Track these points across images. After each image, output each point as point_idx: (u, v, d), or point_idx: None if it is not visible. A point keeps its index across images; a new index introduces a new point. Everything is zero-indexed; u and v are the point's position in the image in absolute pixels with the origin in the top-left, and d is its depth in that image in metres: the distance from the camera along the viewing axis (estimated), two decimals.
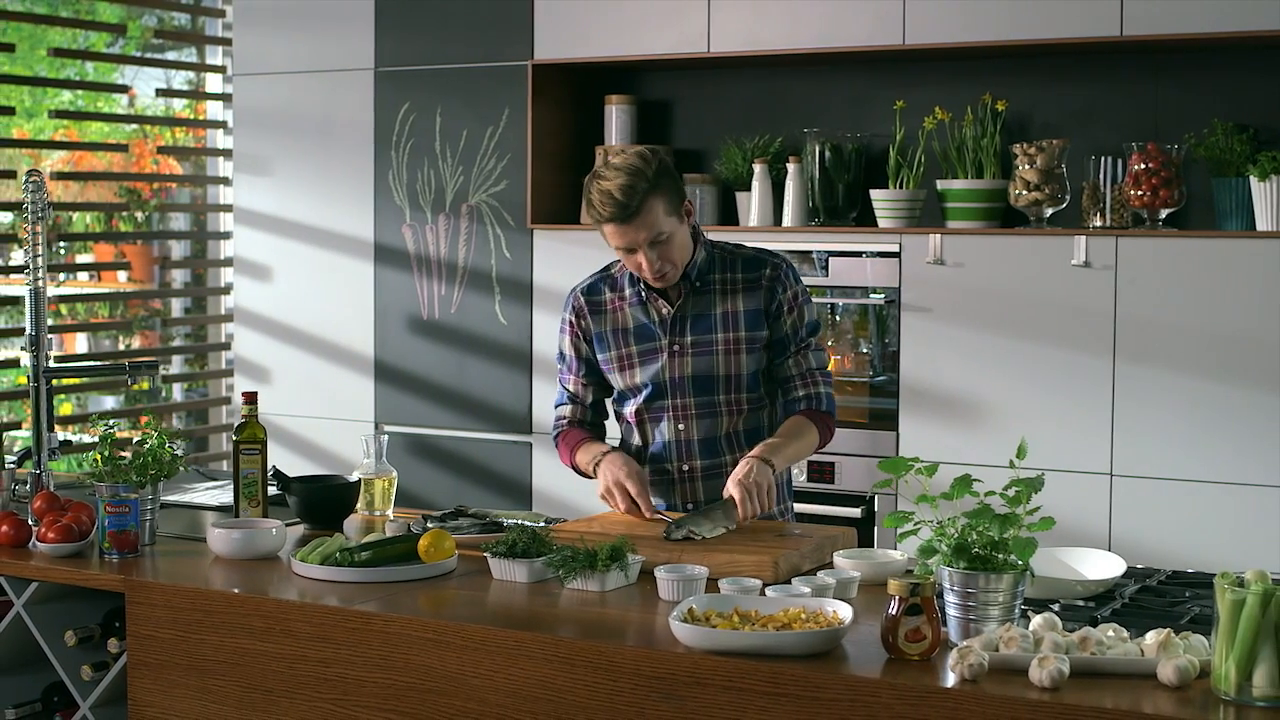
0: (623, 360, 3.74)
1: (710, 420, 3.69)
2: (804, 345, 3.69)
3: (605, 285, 3.79)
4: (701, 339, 3.67)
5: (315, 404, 6.13)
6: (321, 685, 3.02)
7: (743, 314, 3.66)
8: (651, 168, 3.52)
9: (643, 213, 3.49)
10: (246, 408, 3.63)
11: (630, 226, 3.51)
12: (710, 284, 3.68)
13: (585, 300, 3.80)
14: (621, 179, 3.49)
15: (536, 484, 5.72)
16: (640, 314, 3.72)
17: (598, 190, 3.51)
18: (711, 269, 3.69)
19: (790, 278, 3.69)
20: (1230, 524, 4.67)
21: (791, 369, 3.69)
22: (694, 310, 3.68)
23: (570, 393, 3.88)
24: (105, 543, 3.38)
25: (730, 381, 3.67)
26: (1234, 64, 4.94)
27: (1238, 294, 4.66)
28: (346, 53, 6.02)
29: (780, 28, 5.25)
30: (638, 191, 3.48)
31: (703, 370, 3.67)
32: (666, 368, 3.69)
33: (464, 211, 5.82)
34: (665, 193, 3.53)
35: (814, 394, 3.69)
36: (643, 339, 3.71)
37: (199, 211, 7.19)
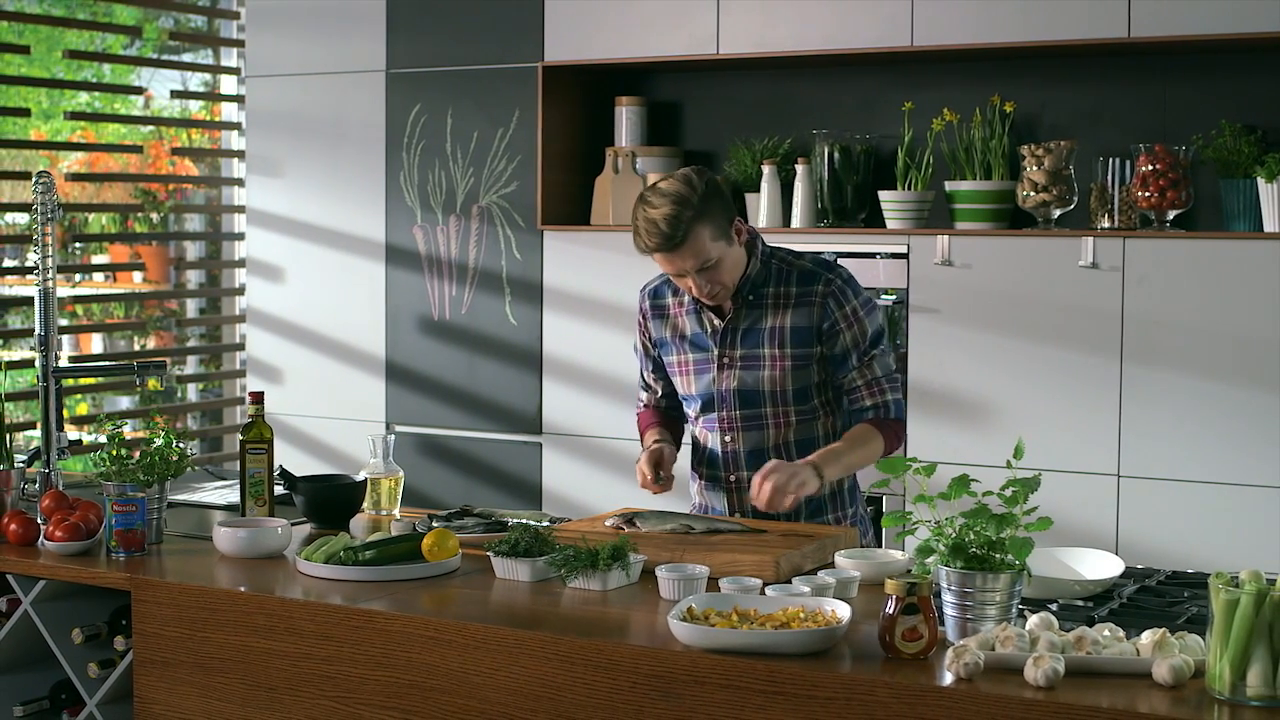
0: (681, 365, 3.76)
1: (757, 433, 3.67)
2: (867, 356, 3.64)
3: (669, 288, 3.79)
4: (750, 353, 3.65)
5: (327, 404, 6.16)
6: (325, 683, 3.04)
7: (789, 330, 3.62)
8: (697, 194, 3.48)
9: (688, 241, 3.47)
10: (253, 407, 3.65)
11: (676, 255, 3.49)
12: (763, 297, 3.65)
13: (651, 304, 3.82)
14: (667, 208, 3.46)
15: (546, 484, 5.74)
16: (695, 322, 3.73)
17: (644, 219, 3.49)
18: (766, 282, 3.65)
19: (847, 293, 3.63)
20: (1237, 525, 4.67)
21: (856, 380, 3.65)
22: (745, 324, 3.66)
23: (645, 382, 3.94)
24: (112, 541, 3.40)
25: (776, 396, 3.65)
26: (1242, 65, 4.94)
27: (1245, 295, 4.66)
28: (358, 54, 6.05)
29: (789, 29, 5.26)
30: (683, 221, 3.44)
31: (749, 384, 3.65)
32: (716, 379, 3.69)
33: (475, 213, 5.85)
34: (712, 217, 3.49)
35: (881, 403, 3.65)
36: (697, 348, 3.72)
37: (213, 213, 7.22)
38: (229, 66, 7.06)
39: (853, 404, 3.68)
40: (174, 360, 7.43)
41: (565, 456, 5.71)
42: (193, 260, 7.60)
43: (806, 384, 3.66)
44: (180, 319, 7.47)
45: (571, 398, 5.69)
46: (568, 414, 5.70)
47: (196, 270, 7.58)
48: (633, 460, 5.49)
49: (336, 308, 6.15)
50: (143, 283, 7.98)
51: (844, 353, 3.64)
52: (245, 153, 6.50)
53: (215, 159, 7.33)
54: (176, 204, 7.56)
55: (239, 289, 6.93)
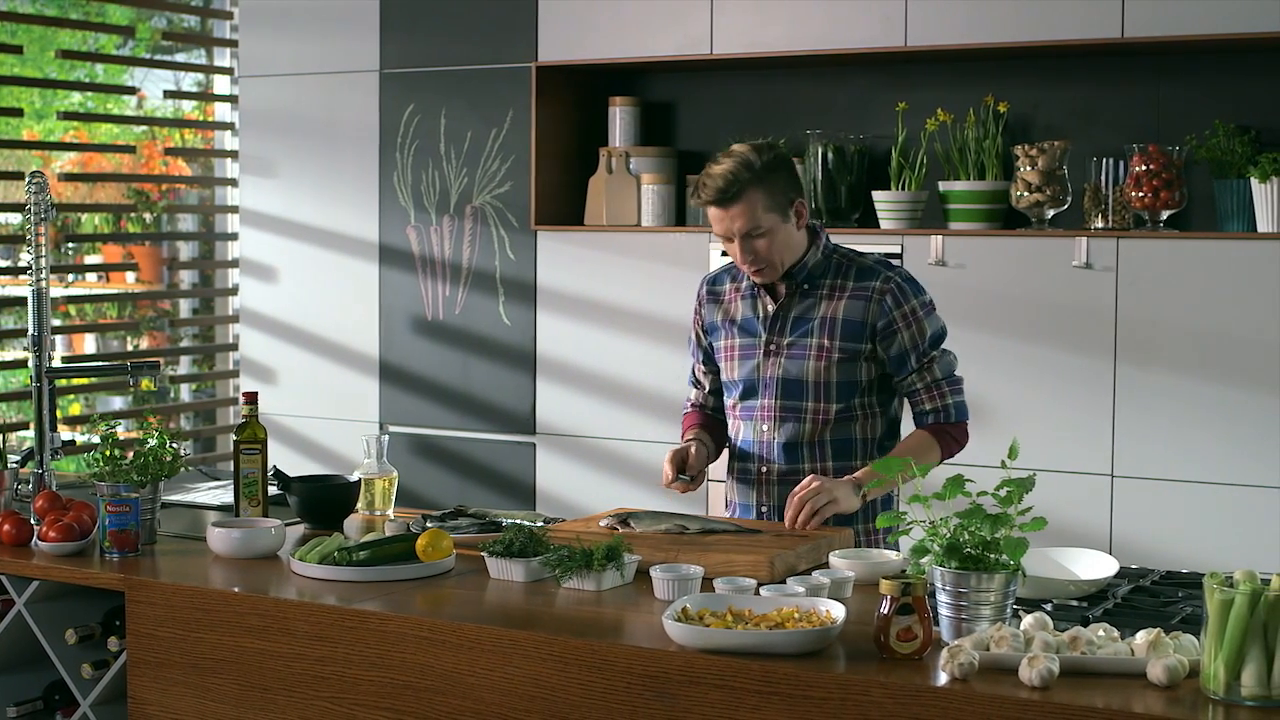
0: (728, 350, 3.74)
1: (793, 425, 3.64)
2: (927, 358, 3.61)
3: (728, 275, 3.80)
4: (798, 341, 3.63)
5: (320, 404, 6.15)
6: (319, 683, 3.03)
7: (841, 322, 3.60)
8: (761, 160, 3.51)
9: (740, 201, 3.49)
10: (247, 408, 3.65)
11: (726, 213, 3.51)
12: (819, 287, 3.64)
13: (707, 290, 3.82)
14: (728, 165, 3.50)
15: (540, 484, 5.73)
16: (749, 307, 3.72)
17: (706, 173, 3.54)
18: (825, 273, 3.64)
19: (906, 291, 3.60)
20: (1231, 525, 4.67)
21: (916, 383, 3.62)
22: (797, 311, 3.65)
23: (695, 378, 3.92)
24: (106, 542, 3.39)
25: (819, 389, 3.62)
26: (1235, 65, 4.94)
27: (1239, 296, 4.66)
28: (352, 55, 6.04)
29: (783, 29, 5.26)
30: (739, 180, 3.48)
31: (792, 374, 3.63)
32: (760, 366, 3.67)
33: (468, 213, 5.84)
34: (770, 187, 3.51)
35: (941, 407, 3.63)
36: (746, 333, 3.71)
37: (206, 213, 7.21)
38: (222, 66, 7.06)
39: (914, 408, 3.66)
40: (167, 360, 7.42)
41: (559, 457, 5.71)
42: (186, 260, 7.58)
43: (851, 380, 3.62)
44: (173, 319, 7.46)
45: (565, 398, 5.69)
46: (561, 414, 5.70)
47: (190, 270, 7.57)
48: (626, 461, 5.54)
49: (330, 308, 6.15)
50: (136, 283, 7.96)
51: (902, 353, 3.61)
52: (239, 153, 6.49)
53: (208, 159, 7.32)
54: (169, 204, 7.55)
55: (232, 289, 6.93)
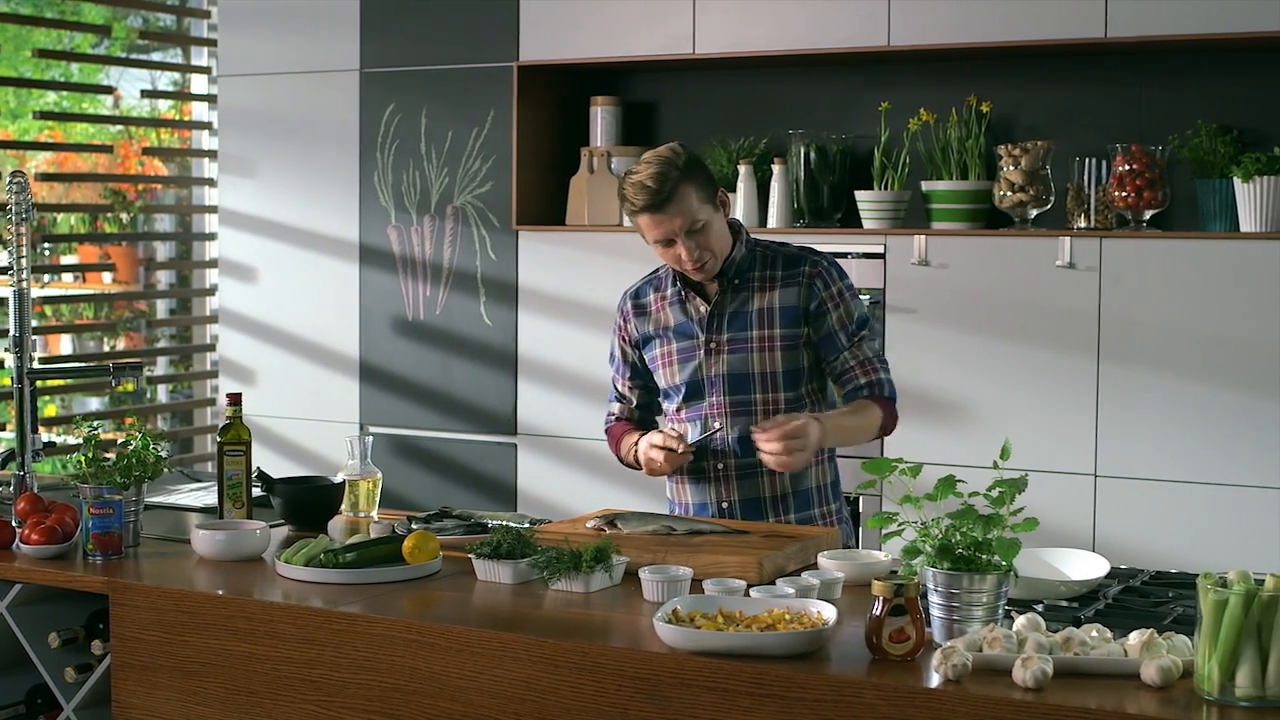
0: (665, 357, 3.75)
1: (745, 419, 3.65)
2: (857, 336, 3.66)
3: (650, 287, 3.82)
4: (737, 336, 3.66)
5: (300, 405, 6.12)
6: (306, 687, 3.01)
7: (778, 311, 3.64)
8: (681, 158, 3.54)
9: (675, 199, 3.51)
10: (231, 409, 3.62)
11: (665, 215, 3.52)
12: (749, 281, 3.67)
13: (632, 304, 3.83)
14: (652, 169, 3.52)
15: (521, 485, 5.72)
16: (679, 313, 3.73)
17: (630, 184, 3.54)
18: (752, 266, 3.68)
19: (832, 274, 3.67)
20: (1215, 524, 4.68)
21: (849, 360, 3.65)
22: (731, 307, 3.67)
23: (619, 392, 3.92)
24: (89, 544, 3.37)
25: (765, 379, 3.65)
26: (1218, 66, 4.95)
27: (1222, 296, 4.67)
28: (332, 54, 6.01)
29: (765, 29, 5.25)
30: (669, 179, 3.50)
31: (737, 368, 3.65)
32: (703, 365, 3.68)
33: (449, 213, 5.82)
34: (697, 181, 3.54)
35: (875, 380, 3.64)
36: (682, 337, 3.72)
37: (184, 213, 7.18)
38: (199, 66, 7.02)
39: (846, 384, 3.67)
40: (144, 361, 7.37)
41: (540, 457, 5.69)
42: (163, 261, 7.55)
43: (796, 367, 3.66)
44: (150, 320, 7.42)
45: (547, 398, 5.67)
46: (543, 415, 5.69)
47: (167, 271, 7.54)
48: (608, 462, 5.48)
49: (310, 308, 6.12)
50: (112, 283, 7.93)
51: (831, 332, 3.64)
52: (217, 153, 6.46)
53: (185, 159, 7.29)
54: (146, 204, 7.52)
55: (210, 289, 6.89)
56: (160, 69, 7.94)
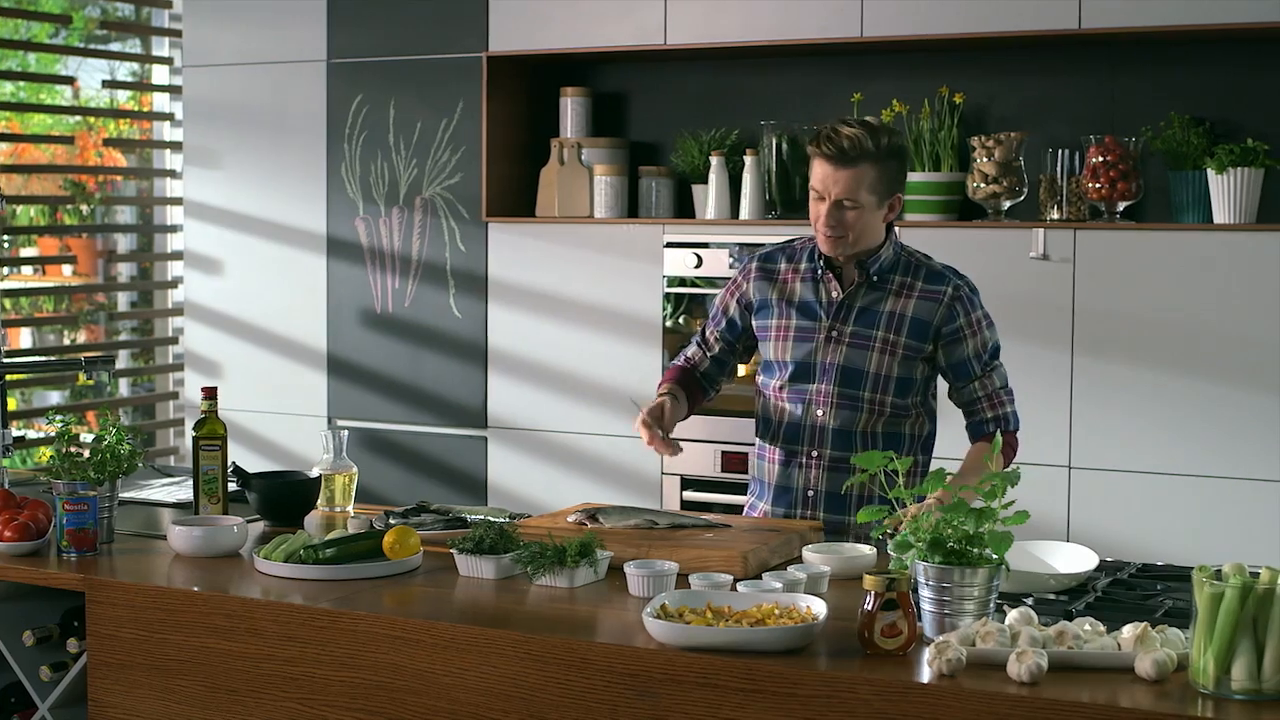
0: (780, 330, 3.68)
1: (849, 413, 3.61)
2: (989, 367, 3.63)
3: (783, 255, 3.75)
4: (861, 331, 3.61)
5: (267, 399, 6.06)
6: (287, 684, 2.98)
7: (910, 319, 3.59)
8: (886, 140, 3.52)
9: (853, 168, 3.48)
10: (206, 403, 3.58)
11: (834, 173, 3.50)
12: (888, 283, 3.62)
13: (759, 266, 3.75)
14: (858, 130, 3.49)
15: (492, 478, 5.68)
16: (809, 291, 3.67)
17: (831, 128, 3.51)
18: (894, 269, 3.63)
19: (974, 300, 3.64)
20: (1189, 516, 4.69)
21: (978, 391, 3.63)
22: (863, 302, 3.62)
23: (703, 337, 3.84)
24: (64, 541, 3.32)
25: (878, 381, 3.60)
26: (1189, 57, 4.95)
27: (1196, 287, 4.67)
28: (298, 44, 5.96)
29: (737, 20, 5.23)
30: (861, 147, 3.48)
31: (854, 362, 3.60)
32: (819, 349, 3.63)
33: (418, 204, 5.78)
34: (883, 169, 3.51)
35: (1002, 415, 3.64)
36: (805, 315, 3.66)
37: (145, 205, 7.10)
38: (160, 56, 6.94)
39: (973, 415, 3.66)
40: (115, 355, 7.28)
41: (511, 451, 5.65)
42: (124, 253, 7.47)
43: (910, 378, 3.62)
44: (112, 313, 7.34)
45: (517, 391, 5.64)
46: (513, 408, 5.65)
47: (128, 263, 7.46)
48: (579, 455, 5.49)
49: (277, 301, 6.06)
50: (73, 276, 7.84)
51: (965, 360, 3.62)
52: (182, 144, 6.39)
53: (147, 150, 7.21)
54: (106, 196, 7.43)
55: (171, 282, 6.83)
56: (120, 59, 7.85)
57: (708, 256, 5.28)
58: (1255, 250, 4.61)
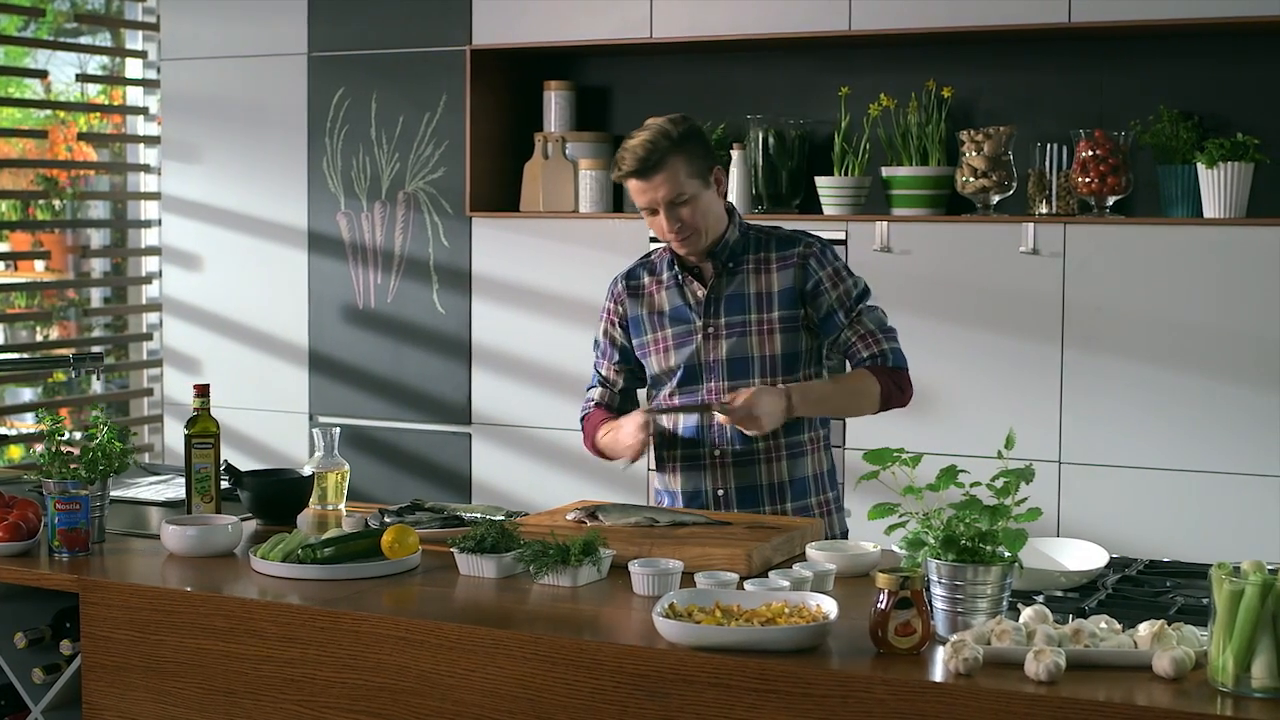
0: (658, 343, 3.69)
1: None
2: (855, 312, 3.60)
3: (644, 270, 3.75)
4: (735, 319, 3.61)
5: (248, 396, 6.00)
6: (288, 686, 2.93)
7: (777, 294, 3.59)
8: (678, 129, 3.51)
9: (662, 169, 3.48)
10: (198, 400, 3.54)
11: (649, 183, 3.50)
12: (744, 264, 3.62)
13: (624, 285, 3.76)
14: (645, 136, 3.50)
15: (476, 475, 5.64)
16: (676, 296, 3.67)
17: (622, 148, 3.53)
18: (745, 250, 3.63)
19: (826, 254, 3.62)
20: (1180, 511, 4.68)
21: (850, 337, 3.60)
22: (728, 290, 3.62)
23: (601, 377, 3.84)
24: (55, 541, 3.26)
25: (765, 362, 3.59)
26: (1178, 51, 4.94)
27: (1186, 281, 4.66)
28: (279, 37, 5.90)
29: (724, 12, 5.19)
30: (659, 148, 3.47)
31: (737, 352, 3.60)
32: (701, 350, 3.63)
33: (400, 199, 5.73)
34: (689, 154, 3.51)
35: (878, 351, 3.59)
36: (677, 321, 3.66)
37: (119, 200, 7.02)
38: (134, 50, 6.87)
39: (852, 360, 3.63)
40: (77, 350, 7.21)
41: (495, 447, 5.61)
42: (97, 249, 7.40)
43: (794, 350, 3.61)
44: (86, 309, 7.26)
45: (501, 387, 5.59)
46: (497, 404, 5.61)
47: (101, 259, 7.39)
48: (564, 451, 5.45)
49: (257, 297, 6.01)
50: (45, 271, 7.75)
51: (830, 311, 3.59)
52: (154, 138, 6.32)
53: (120, 144, 7.13)
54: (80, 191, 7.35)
55: (145, 278, 6.76)
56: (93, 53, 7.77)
57: None
58: (1246, 245, 4.61)
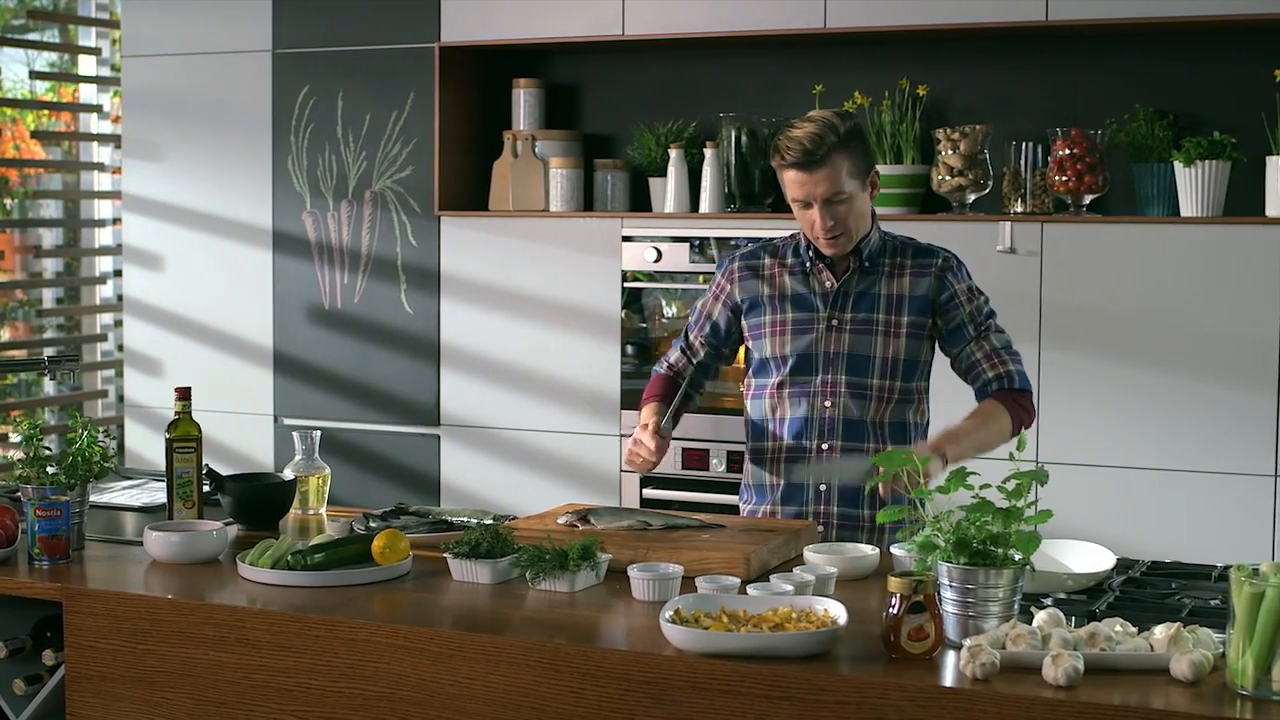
0: (775, 326, 3.61)
1: (859, 402, 3.55)
2: (984, 329, 3.57)
3: (766, 252, 3.69)
4: (862, 316, 3.55)
5: (211, 398, 5.90)
6: (282, 696, 2.87)
7: (908, 298, 3.55)
8: (845, 126, 3.45)
9: (826, 164, 3.42)
10: (180, 404, 3.46)
11: (811, 176, 3.43)
12: (879, 266, 3.57)
13: (741, 265, 3.69)
14: (812, 128, 3.43)
15: (445, 477, 5.57)
16: (800, 283, 3.61)
17: (786, 137, 3.45)
18: (883, 253, 3.58)
19: (962, 270, 3.60)
20: (1157, 509, 4.68)
21: (976, 353, 3.56)
22: (859, 287, 3.57)
23: (687, 341, 3.78)
24: (35, 549, 3.19)
25: (885, 365, 3.54)
26: (1153, 50, 4.94)
27: (1164, 280, 4.66)
28: (243, 34, 5.81)
29: (697, 10, 5.15)
30: (825, 142, 3.41)
31: (859, 349, 3.55)
32: (821, 340, 3.57)
33: (367, 198, 5.65)
34: (853, 153, 3.45)
35: (1004, 373, 3.56)
36: (800, 307, 3.60)
37: (72, 199, 6.92)
38: (88, 46, 6.77)
39: (975, 379, 3.59)
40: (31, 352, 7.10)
41: (464, 449, 5.55)
42: (50, 249, 7.28)
43: (915, 359, 3.57)
44: (38, 309, 7.15)
45: (471, 388, 5.53)
46: (467, 405, 5.55)
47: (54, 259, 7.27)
48: (534, 453, 5.40)
49: (221, 297, 5.92)
50: None
51: (960, 324, 3.56)
52: (112, 136, 6.22)
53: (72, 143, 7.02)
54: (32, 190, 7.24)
55: (100, 278, 6.66)
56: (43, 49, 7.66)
57: (668, 250, 5.20)
58: (1223, 243, 4.61)
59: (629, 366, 5.31)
